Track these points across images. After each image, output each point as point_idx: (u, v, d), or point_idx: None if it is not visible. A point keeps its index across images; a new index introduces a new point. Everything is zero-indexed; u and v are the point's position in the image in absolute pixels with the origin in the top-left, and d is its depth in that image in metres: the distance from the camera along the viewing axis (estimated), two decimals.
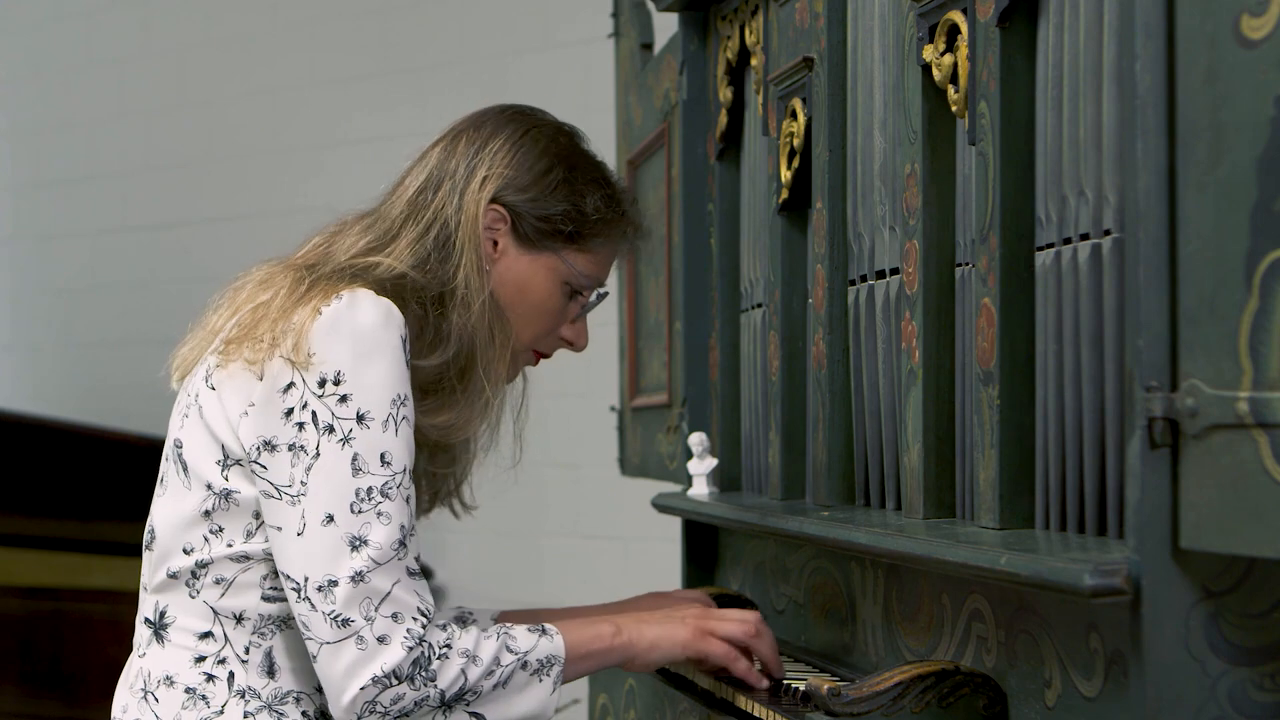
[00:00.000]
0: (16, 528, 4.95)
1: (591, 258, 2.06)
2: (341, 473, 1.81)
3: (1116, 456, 1.59)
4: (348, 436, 1.81)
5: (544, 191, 2.02)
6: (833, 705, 1.72)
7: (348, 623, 1.79)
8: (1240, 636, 1.43)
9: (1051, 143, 1.72)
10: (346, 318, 1.84)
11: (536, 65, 5.15)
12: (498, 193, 2.01)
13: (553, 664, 1.91)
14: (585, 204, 2.03)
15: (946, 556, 1.69)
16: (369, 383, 1.82)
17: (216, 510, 1.88)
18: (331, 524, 1.80)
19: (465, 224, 1.99)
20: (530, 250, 2.03)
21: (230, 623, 1.89)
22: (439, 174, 2.02)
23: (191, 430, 1.91)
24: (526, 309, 2.03)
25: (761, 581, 2.44)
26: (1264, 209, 1.29)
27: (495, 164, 2.01)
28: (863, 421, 2.14)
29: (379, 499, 1.81)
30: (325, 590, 1.80)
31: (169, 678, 1.89)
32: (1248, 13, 1.30)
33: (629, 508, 3.71)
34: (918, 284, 1.94)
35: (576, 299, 2.07)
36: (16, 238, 7.02)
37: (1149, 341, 1.42)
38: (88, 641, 4.89)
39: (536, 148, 2.03)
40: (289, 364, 1.83)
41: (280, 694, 1.89)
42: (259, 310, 1.90)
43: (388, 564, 1.81)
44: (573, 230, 2.03)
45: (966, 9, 1.84)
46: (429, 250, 1.97)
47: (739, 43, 2.56)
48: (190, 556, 1.89)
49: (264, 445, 1.84)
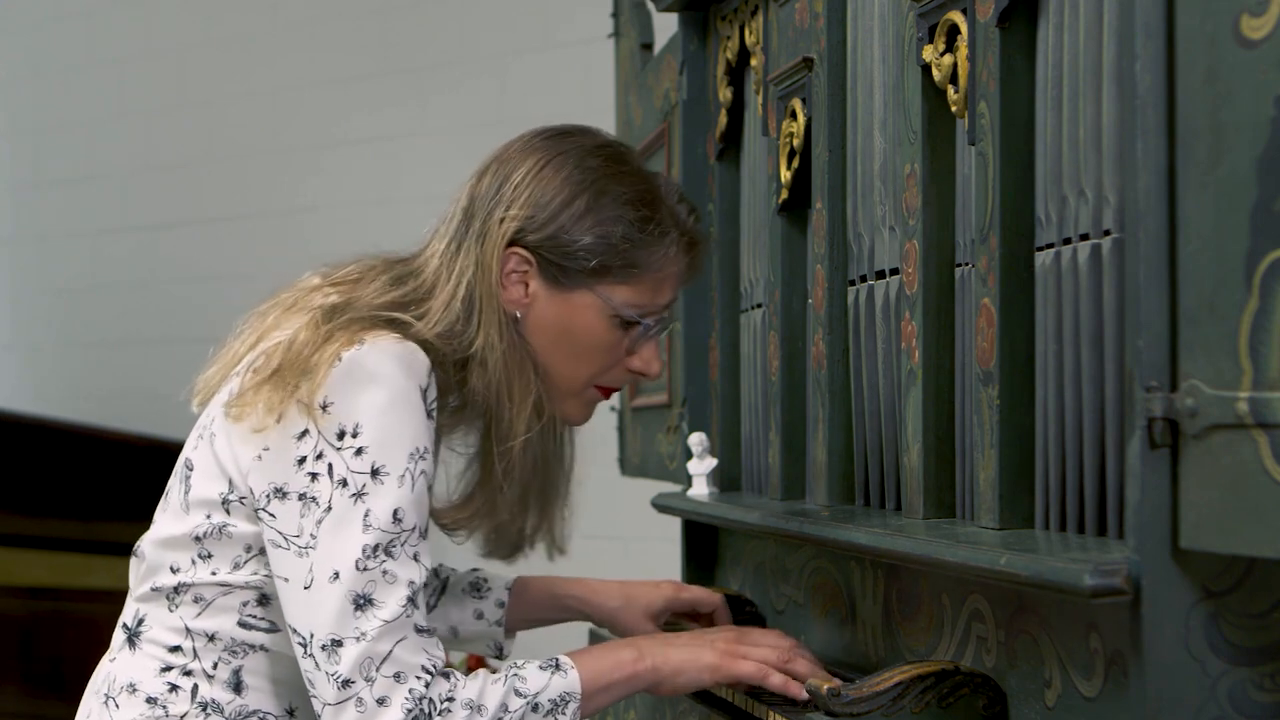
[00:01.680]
0: (17, 528, 4.95)
1: (635, 287, 1.93)
2: (352, 530, 1.75)
3: (1116, 456, 1.59)
4: (360, 492, 1.75)
5: (567, 226, 1.89)
6: (833, 705, 1.72)
7: (349, 684, 1.74)
8: (1240, 636, 1.43)
9: (1051, 143, 1.72)
10: (366, 365, 1.77)
11: (536, 65, 5.15)
12: (515, 236, 1.89)
13: (567, 702, 1.83)
14: (614, 233, 1.90)
15: (946, 557, 1.69)
16: (387, 436, 1.76)
17: (208, 538, 1.85)
18: (338, 581, 1.75)
19: (483, 278, 1.89)
20: (563, 290, 1.91)
21: (201, 640, 1.86)
22: (465, 221, 1.92)
23: (203, 456, 1.88)
24: (575, 349, 1.93)
25: (761, 582, 2.44)
26: (1264, 209, 1.29)
27: (513, 204, 1.90)
28: (863, 421, 2.14)
29: (385, 558, 1.75)
30: (329, 650, 1.75)
31: (132, 685, 1.87)
32: (1248, 13, 1.30)
33: (629, 508, 3.70)
34: (917, 284, 1.94)
35: (631, 329, 1.94)
36: (16, 238, 7.02)
37: (1149, 341, 1.42)
38: (89, 642, 4.89)
39: (557, 178, 1.90)
40: (305, 410, 1.77)
41: (245, 711, 1.86)
42: (279, 349, 1.83)
43: (394, 623, 1.75)
44: (600, 264, 1.90)
45: (966, 9, 1.84)
46: (458, 315, 1.88)
47: (739, 43, 2.56)
48: (175, 575, 1.87)
49: (275, 492, 1.79)
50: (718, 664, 1.93)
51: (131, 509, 5.30)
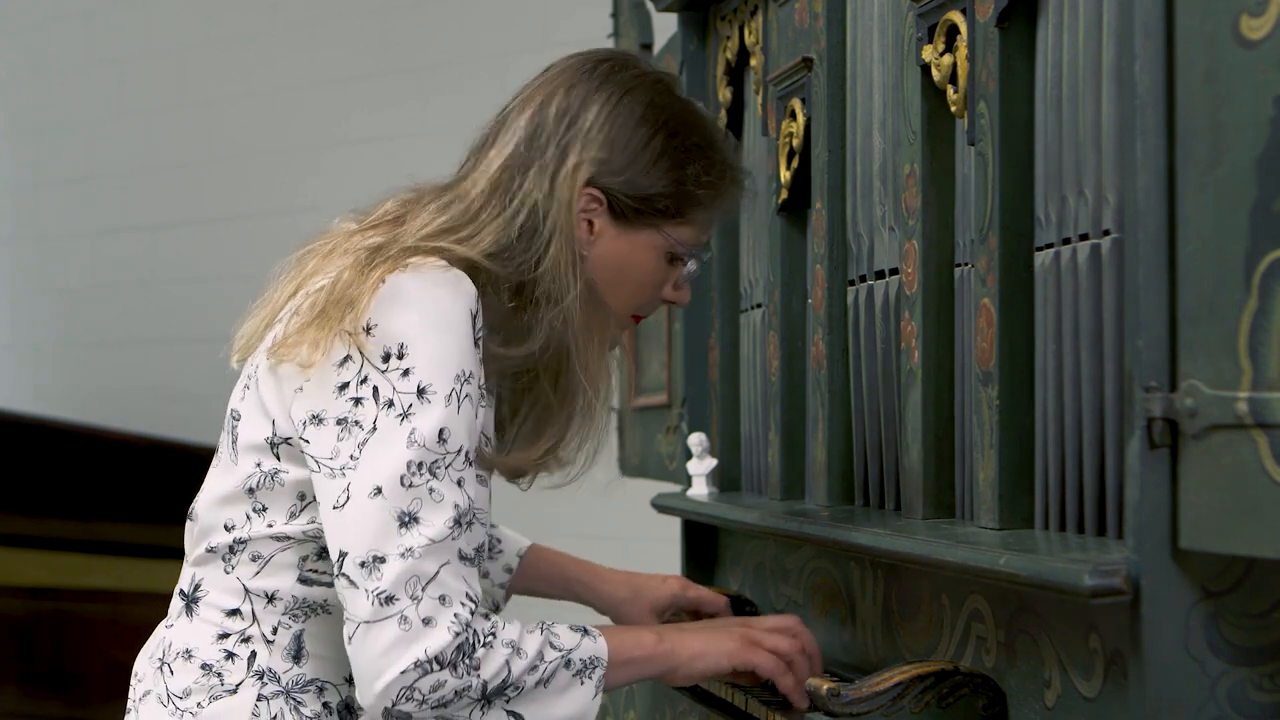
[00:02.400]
0: (17, 528, 4.95)
1: (694, 228, 1.95)
2: (397, 447, 1.71)
3: (1116, 456, 1.59)
4: (407, 412, 1.72)
5: (642, 170, 1.90)
6: (832, 705, 1.72)
7: (392, 600, 1.69)
8: (1240, 636, 1.43)
9: (1051, 143, 1.72)
10: (411, 287, 1.76)
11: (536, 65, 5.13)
12: (594, 177, 1.88)
13: (595, 666, 1.81)
14: (686, 176, 1.92)
15: (946, 557, 1.69)
16: (433, 355, 1.73)
17: (261, 488, 1.82)
18: (379, 496, 1.70)
19: (557, 212, 1.87)
20: (629, 229, 1.91)
21: (261, 601, 1.82)
22: (528, 152, 1.90)
23: (248, 404, 1.85)
24: (628, 284, 1.94)
25: (761, 582, 2.44)
26: (1264, 209, 1.29)
27: (589, 144, 1.88)
28: (862, 421, 2.14)
29: (430, 476, 1.71)
30: (370, 567, 1.70)
31: (188, 651, 1.83)
32: (1247, 13, 1.30)
33: (629, 508, 3.70)
34: (917, 284, 1.94)
35: (677, 264, 1.97)
36: (16, 238, 7.02)
37: (1148, 341, 1.42)
38: (88, 642, 4.89)
39: (634, 116, 1.90)
40: (349, 337, 1.75)
41: (303, 681, 1.82)
42: (323, 292, 1.80)
43: (440, 544, 1.71)
44: (669, 205, 1.92)
45: (966, 9, 1.84)
46: (513, 239, 1.85)
47: (738, 43, 2.56)
48: (230, 533, 1.83)
49: (311, 419, 1.76)
50: (736, 650, 1.92)
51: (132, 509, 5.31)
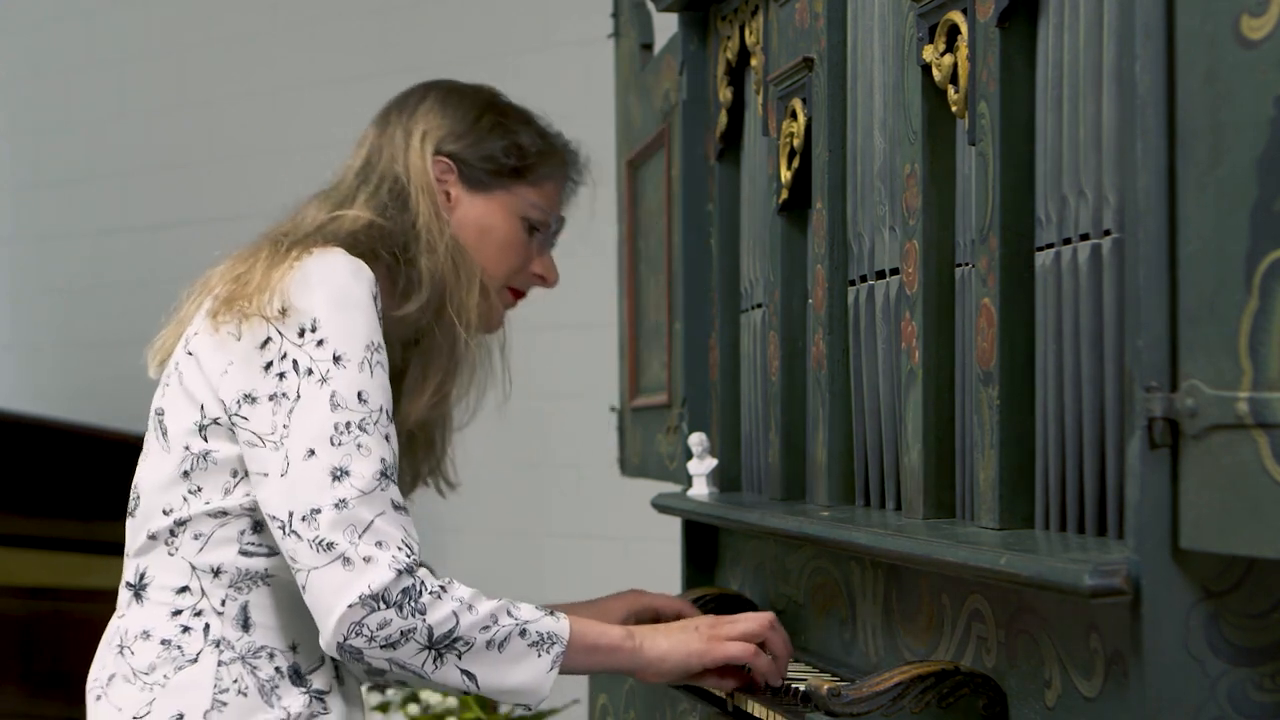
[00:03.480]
0: (16, 528, 4.95)
1: (540, 191, 2.15)
2: (321, 410, 1.85)
3: (1116, 456, 1.59)
4: (325, 376, 1.86)
5: (481, 135, 2.12)
6: (832, 705, 1.72)
7: (331, 546, 1.81)
8: (1240, 636, 1.43)
9: (1051, 143, 1.72)
10: (320, 271, 1.90)
11: (536, 65, 5.14)
12: (439, 144, 2.11)
13: (553, 642, 1.88)
14: (521, 139, 2.13)
15: (946, 556, 1.69)
16: (344, 328, 1.87)
17: (195, 470, 1.92)
18: (313, 457, 1.83)
19: (415, 176, 2.08)
20: (483, 192, 2.12)
21: (207, 576, 1.92)
22: (378, 146, 2.13)
23: (171, 397, 1.95)
24: (492, 249, 2.12)
25: (761, 581, 2.44)
26: (1264, 209, 1.29)
27: (429, 122, 2.12)
28: (863, 421, 2.14)
29: (357, 433, 1.84)
30: (309, 519, 1.82)
31: (145, 632, 1.93)
32: (1248, 13, 1.30)
33: (629, 508, 3.71)
34: (917, 284, 1.94)
35: (535, 234, 2.15)
36: (16, 238, 7.02)
37: (1149, 342, 1.42)
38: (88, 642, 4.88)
39: (464, 101, 2.15)
40: (265, 321, 1.88)
41: (254, 648, 1.91)
42: (239, 280, 1.95)
43: (371, 494, 1.83)
44: (517, 165, 2.13)
45: (966, 9, 1.84)
46: (385, 201, 2.06)
47: (739, 43, 2.56)
48: (169, 516, 1.92)
49: (244, 398, 1.88)
50: (705, 649, 1.98)
51: None
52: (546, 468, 5.22)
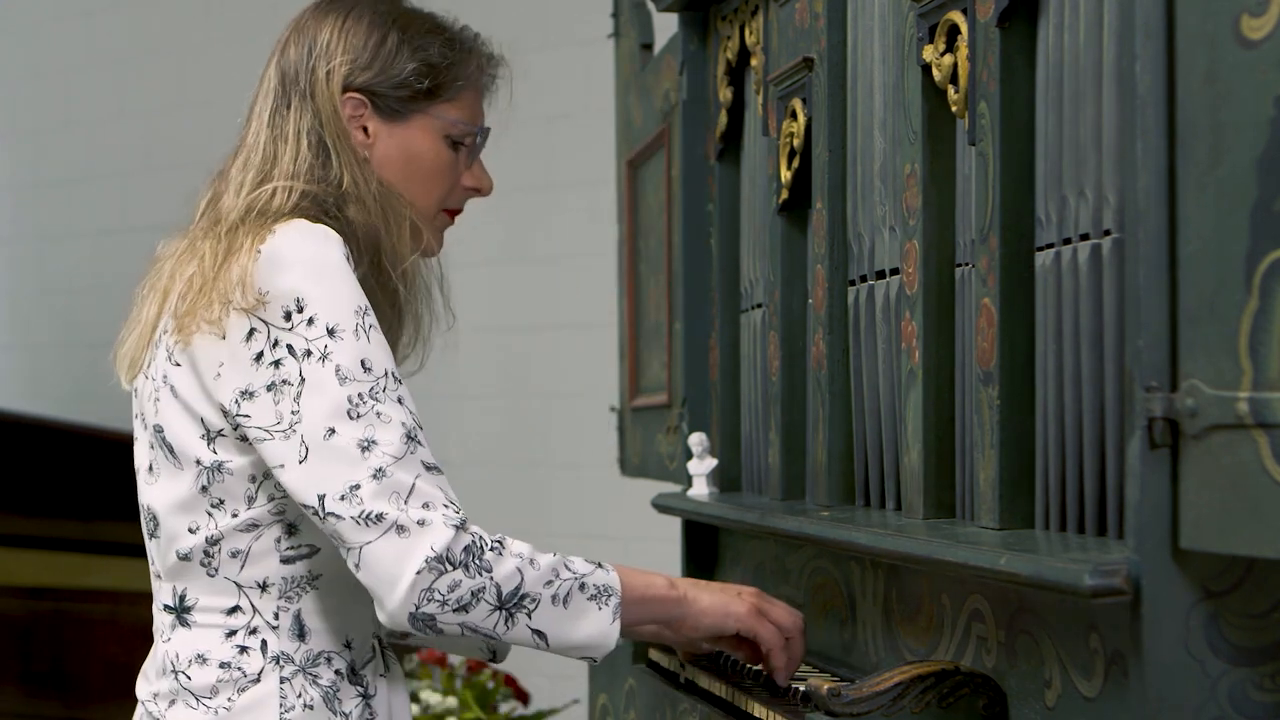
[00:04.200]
0: (16, 528, 4.95)
1: (458, 104, 2.06)
2: (330, 387, 1.80)
3: (1116, 456, 1.59)
4: (325, 353, 1.81)
5: (388, 61, 2.02)
6: (833, 705, 1.72)
7: (381, 517, 1.77)
8: (1240, 636, 1.43)
9: (1051, 143, 1.72)
10: (286, 248, 1.85)
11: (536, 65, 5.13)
12: (346, 81, 2.01)
13: (610, 594, 1.86)
14: (431, 55, 2.03)
15: (946, 556, 1.69)
16: (330, 299, 1.83)
17: (213, 484, 1.87)
18: (335, 435, 1.79)
19: (329, 124, 2.00)
20: (400, 121, 2.03)
21: (255, 592, 1.87)
22: (283, 89, 2.04)
23: (168, 411, 1.90)
24: (421, 176, 2.04)
25: (761, 581, 2.44)
26: (1264, 209, 1.29)
27: (331, 56, 2.02)
28: (863, 421, 2.14)
29: (372, 402, 1.80)
30: (348, 497, 1.77)
31: (200, 656, 1.87)
32: (1248, 13, 1.31)
33: (629, 508, 3.71)
34: (918, 284, 1.94)
35: (461, 149, 2.07)
36: (16, 238, 7.02)
37: (1149, 342, 1.42)
38: (88, 642, 4.89)
39: (362, 24, 2.04)
40: (244, 313, 1.84)
41: (312, 656, 1.87)
42: (194, 280, 1.90)
43: (404, 459, 1.79)
44: (430, 85, 2.03)
45: (966, 9, 1.84)
46: (309, 160, 1.98)
47: (739, 43, 2.56)
48: (197, 535, 1.88)
49: (242, 395, 1.84)
50: (743, 615, 1.98)
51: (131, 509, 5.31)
52: (546, 468, 5.22)
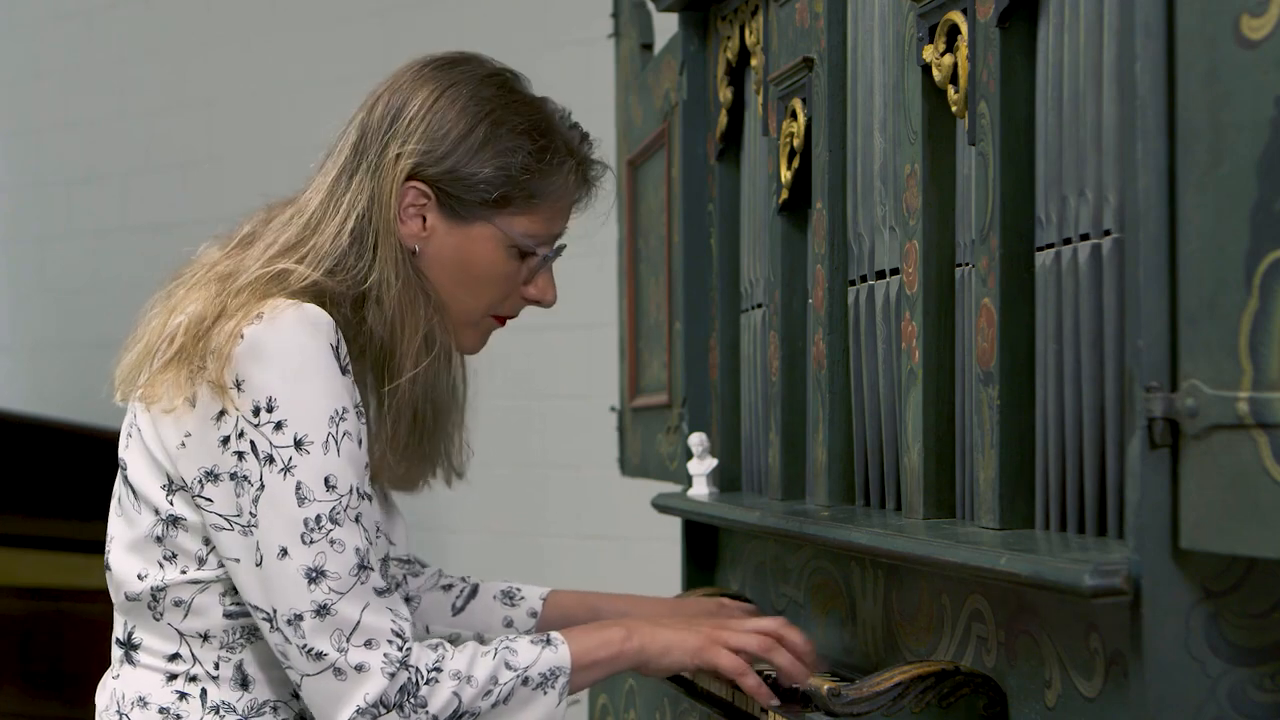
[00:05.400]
0: (16, 528, 4.95)
1: (533, 217, 1.93)
2: (287, 504, 1.76)
3: (1116, 456, 1.59)
4: (288, 466, 1.76)
5: (465, 159, 1.89)
6: (833, 705, 1.72)
7: (321, 655, 1.76)
8: (1240, 636, 1.43)
9: (1051, 143, 1.72)
10: (270, 338, 1.77)
11: (536, 65, 5.14)
12: (415, 169, 1.88)
13: (557, 676, 1.85)
14: (514, 163, 1.89)
15: (946, 557, 1.69)
16: (303, 404, 1.76)
17: (166, 536, 1.85)
18: (286, 557, 1.76)
19: (379, 212, 1.88)
20: (462, 223, 1.90)
21: (196, 641, 1.85)
22: (355, 157, 1.91)
23: (134, 454, 1.88)
24: (472, 281, 1.92)
25: (761, 581, 2.44)
26: (1264, 209, 1.29)
27: (410, 136, 1.88)
28: (863, 421, 2.14)
29: (329, 526, 1.76)
30: (293, 624, 1.76)
31: (142, 699, 1.86)
32: (1248, 13, 1.31)
33: (629, 508, 3.70)
34: (918, 284, 1.94)
35: (528, 259, 1.95)
36: (16, 238, 7.02)
37: (1149, 342, 1.42)
38: (88, 642, 4.89)
39: (454, 109, 1.90)
40: (219, 391, 1.77)
41: (256, 705, 1.86)
42: (182, 329, 1.83)
43: (351, 591, 1.76)
44: (500, 195, 1.90)
45: (966, 9, 1.84)
46: (345, 248, 1.87)
47: (739, 43, 2.56)
48: (144, 582, 1.86)
49: (206, 476, 1.80)
50: (700, 648, 1.94)
51: None
52: (546, 468, 5.22)
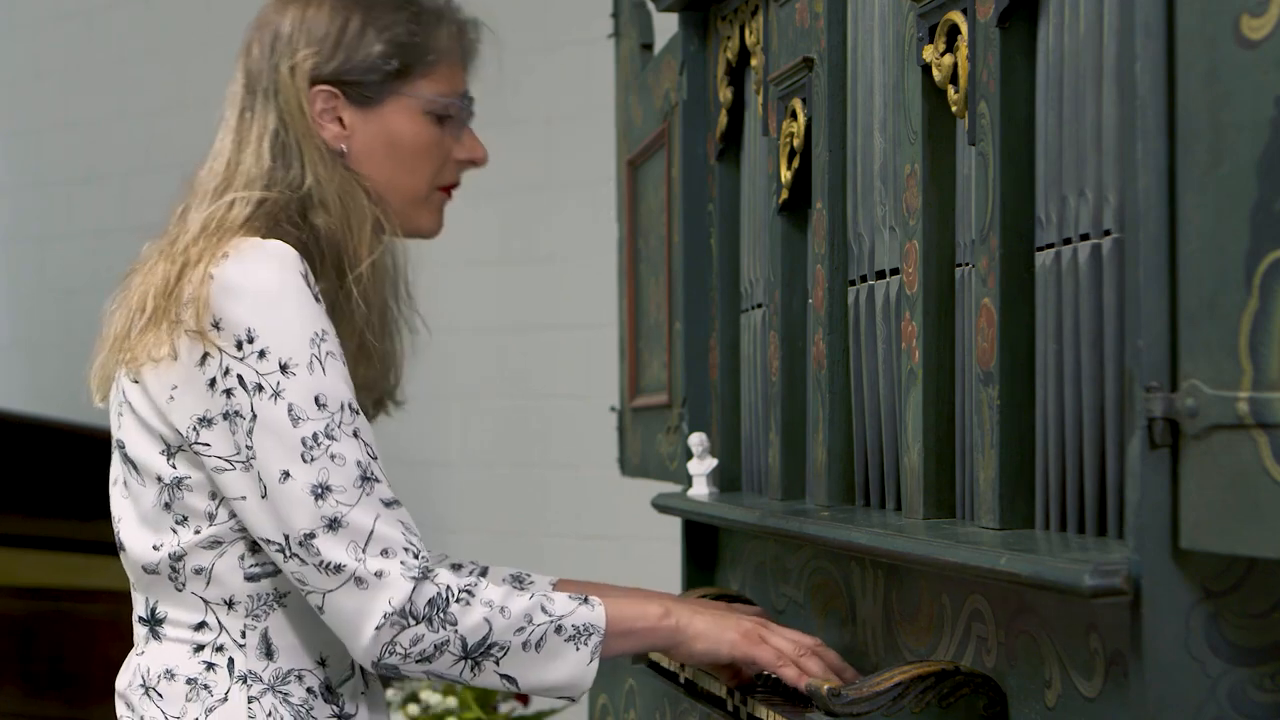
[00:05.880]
0: (16, 528, 4.95)
1: (435, 78, 1.99)
2: (282, 427, 1.79)
3: (1116, 456, 1.59)
4: (278, 391, 1.79)
5: (353, 47, 1.95)
6: (833, 705, 1.72)
7: (340, 568, 1.77)
8: (1240, 636, 1.43)
9: (1051, 143, 1.72)
10: (240, 273, 1.81)
11: (536, 65, 5.14)
12: (313, 75, 1.95)
13: (591, 633, 1.84)
14: (398, 33, 1.96)
15: (946, 557, 1.69)
16: (282, 330, 1.80)
17: (174, 501, 1.87)
18: (289, 479, 1.78)
19: (294, 123, 1.94)
20: (375, 106, 1.96)
21: (222, 609, 1.87)
22: (249, 93, 1.99)
23: (129, 428, 1.90)
24: (406, 159, 1.98)
25: (761, 581, 2.44)
26: (1264, 209, 1.29)
27: (294, 51, 1.95)
28: (863, 421, 2.14)
29: (327, 441, 1.79)
30: (306, 544, 1.78)
31: (169, 671, 1.88)
32: (1248, 13, 1.31)
33: (629, 508, 3.71)
34: (918, 284, 1.94)
35: (447, 122, 2.00)
36: (16, 238, 7.02)
37: (1149, 342, 1.42)
38: (88, 641, 4.89)
39: (323, 12, 1.97)
40: (198, 336, 1.81)
41: (281, 674, 1.87)
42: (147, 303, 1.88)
43: (360, 502, 1.78)
44: (400, 64, 1.96)
45: (966, 9, 1.84)
46: (270, 163, 1.93)
47: (739, 43, 2.56)
48: (161, 551, 1.88)
49: (199, 422, 1.83)
50: (737, 641, 1.95)
51: None
52: (546, 468, 5.22)
